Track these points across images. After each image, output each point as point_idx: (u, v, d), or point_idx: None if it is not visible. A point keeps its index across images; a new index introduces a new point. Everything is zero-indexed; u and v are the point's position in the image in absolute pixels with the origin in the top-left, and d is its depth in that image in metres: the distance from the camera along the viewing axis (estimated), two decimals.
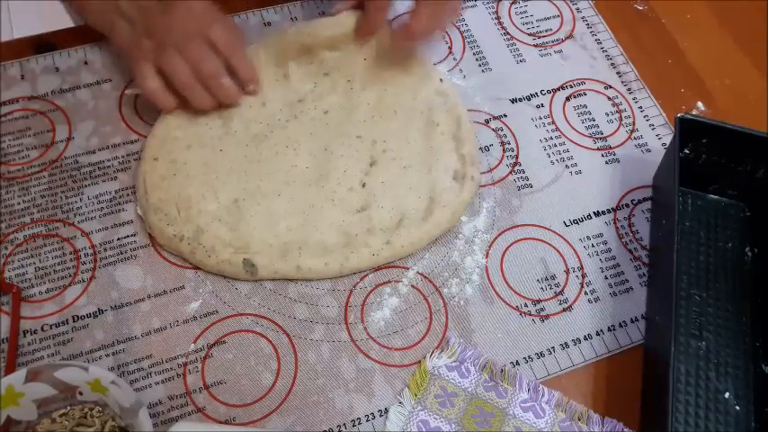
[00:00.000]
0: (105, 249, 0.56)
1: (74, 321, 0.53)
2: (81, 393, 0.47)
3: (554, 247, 0.59)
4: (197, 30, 0.58)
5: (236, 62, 0.60)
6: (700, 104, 0.68)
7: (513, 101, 0.67)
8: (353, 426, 0.51)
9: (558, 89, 0.68)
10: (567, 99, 0.68)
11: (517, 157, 0.64)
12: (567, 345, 0.55)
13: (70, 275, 0.55)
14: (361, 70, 0.63)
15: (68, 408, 0.48)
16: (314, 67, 0.63)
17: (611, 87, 0.69)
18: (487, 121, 0.66)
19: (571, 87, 0.68)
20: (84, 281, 0.55)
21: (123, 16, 0.59)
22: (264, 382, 0.52)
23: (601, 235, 0.60)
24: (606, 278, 0.58)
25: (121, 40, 0.60)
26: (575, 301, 0.57)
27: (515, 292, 0.57)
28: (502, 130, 0.65)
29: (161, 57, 0.57)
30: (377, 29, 0.63)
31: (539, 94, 0.68)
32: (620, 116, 0.67)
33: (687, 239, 0.60)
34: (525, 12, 0.73)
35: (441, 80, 0.64)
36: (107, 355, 0.52)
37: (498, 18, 0.73)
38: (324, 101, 0.62)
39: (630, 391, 0.53)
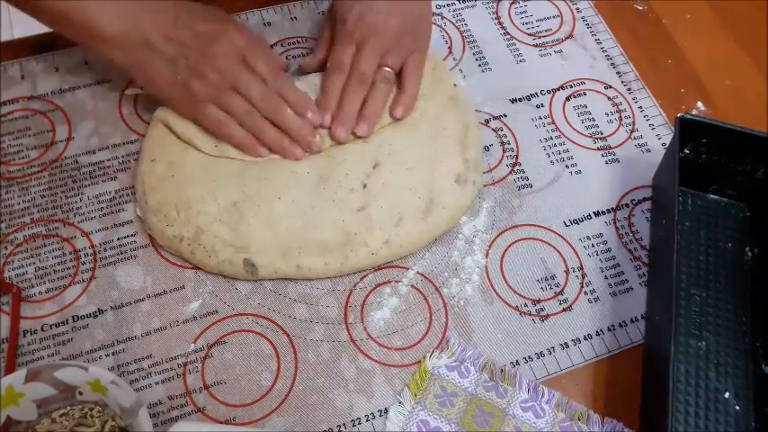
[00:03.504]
0: (105, 249, 0.56)
1: (74, 321, 0.53)
2: (81, 393, 0.47)
3: (554, 247, 0.59)
4: (245, 63, 0.56)
5: (286, 93, 0.57)
6: (700, 104, 0.68)
7: (513, 101, 0.67)
8: (353, 426, 0.51)
9: (558, 89, 0.68)
10: (567, 99, 0.68)
11: (517, 157, 0.64)
12: (567, 345, 0.55)
13: (70, 275, 0.55)
14: None
15: (68, 408, 0.48)
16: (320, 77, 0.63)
17: (611, 87, 0.69)
18: (487, 121, 0.65)
19: (571, 87, 0.68)
20: (84, 281, 0.55)
21: (158, 53, 0.53)
22: (264, 382, 0.52)
23: (601, 235, 0.60)
24: (606, 278, 0.58)
25: (160, 80, 0.55)
26: (575, 301, 0.57)
27: (515, 291, 0.57)
28: (502, 130, 0.65)
29: (224, 99, 0.55)
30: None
31: (539, 94, 0.68)
32: (620, 116, 0.67)
33: (687, 239, 0.60)
34: (525, 12, 0.73)
35: (455, 85, 0.64)
36: (107, 355, 0.52)
37: (498, 18, 0.73)
38: None
39: (630, 391, 0.53)
